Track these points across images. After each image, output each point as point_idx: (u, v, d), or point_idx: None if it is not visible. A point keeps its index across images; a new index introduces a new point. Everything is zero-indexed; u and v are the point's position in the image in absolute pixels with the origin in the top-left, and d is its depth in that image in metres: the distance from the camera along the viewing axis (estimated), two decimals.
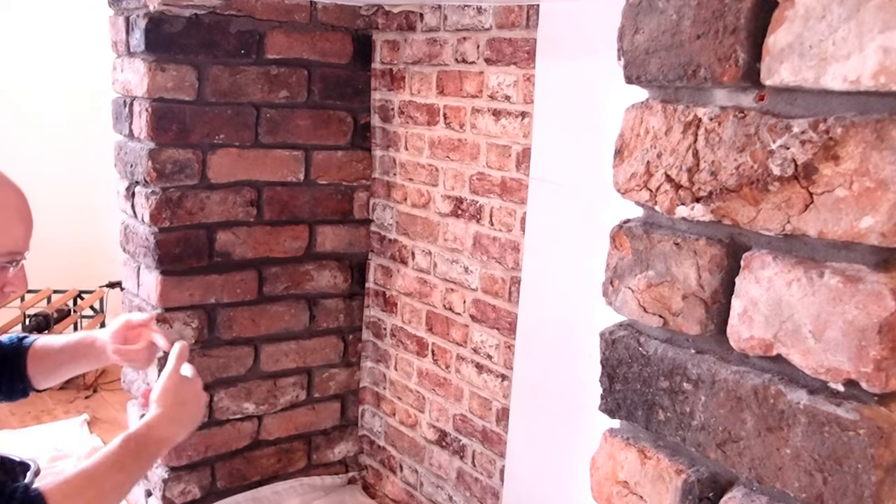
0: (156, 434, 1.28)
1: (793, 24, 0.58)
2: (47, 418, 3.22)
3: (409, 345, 2.37)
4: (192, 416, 1.34)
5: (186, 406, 1.33)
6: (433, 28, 2.14)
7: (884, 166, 0.54)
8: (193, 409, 1.34)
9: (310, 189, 2.33)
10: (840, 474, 0.57)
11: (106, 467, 1.21)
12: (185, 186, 2.11)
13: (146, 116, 2.05)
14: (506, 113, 1.95)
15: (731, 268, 0.65)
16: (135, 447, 1.25)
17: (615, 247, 0.75)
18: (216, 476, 2.34)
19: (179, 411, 1.31)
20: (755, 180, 0.61)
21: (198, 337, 2.20)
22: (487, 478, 2.13)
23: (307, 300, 2.39)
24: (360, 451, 2.63)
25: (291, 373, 2.41)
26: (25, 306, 3.52)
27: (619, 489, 0.75)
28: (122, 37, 2.12)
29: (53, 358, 1.45)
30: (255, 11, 2.13)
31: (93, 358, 1.47)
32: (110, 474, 1.20)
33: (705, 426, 0.67)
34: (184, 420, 1.33)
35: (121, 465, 1.22)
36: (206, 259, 2.18)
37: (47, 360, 1.44)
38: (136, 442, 1.25)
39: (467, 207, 2.09)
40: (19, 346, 1.43)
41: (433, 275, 2.24)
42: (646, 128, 0.70)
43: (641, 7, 0.69)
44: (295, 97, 2.24)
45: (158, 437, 1.28)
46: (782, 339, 0.61)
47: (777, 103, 0.61)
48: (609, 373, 0.76)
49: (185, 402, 1.33)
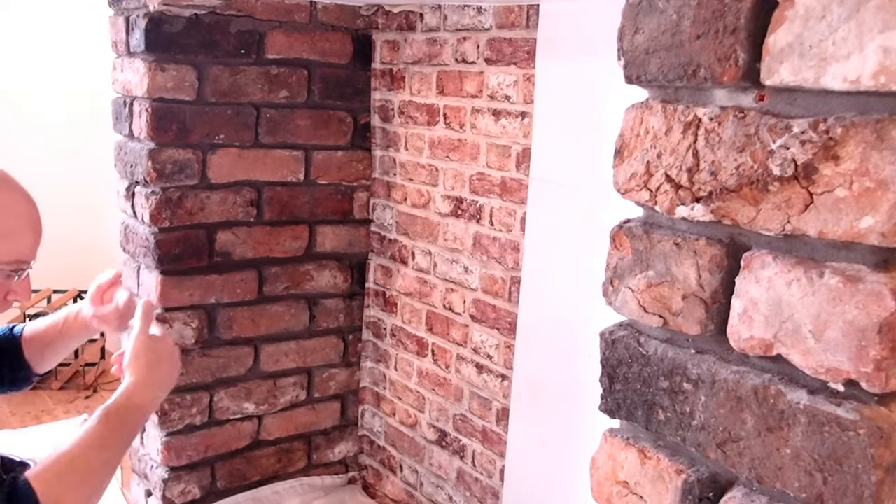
0: (135, 402, 1.23)
1: (793, 24, 0.58)
2: (47, 418, 3.22)
3: (409, 345, 2.37)
4: (168, 376, 1.29)
5: (161, 366, 1.27)
6: (433, 28, 2.14)
7: (884, 166, 0.54)
8: (168, 368, 1.29)
9: (310, 189, 2.33)
10: (840, 474, 0.57)
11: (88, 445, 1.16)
12: (185, 186, 2.11)
13: (146, 116, 2.05)
14: (506, 113, 1.95)
15: (731, 268, 0.65)
16: (115, 419, 1.19)
17: (615, 247, 0.75)
18: (216, 476, 2.34)
19: (154, 374, 1.26)
20: (755, 180, 0.61)
21: (198, 337, 2.20)
22: (487, 478, 2.13)
23: (307, 300, 2.39)
24: (360, 451, 2.63)
25: (291, 373, 2.41)
26: (25, 306, 3.53)
27: (619, 489, 0.75)
28: (122, 37, 2.12)
29: (42, 339, 1.44)
30: (255, 11, 2.13)
31: (79, 329, 1.45)
32: (95, 452, 1.16)
33: (705, 426, 0.67)
34: (160, 382, 1.27)
35: (104, 441, 1.17)
36: (206, 259, 2.18)
37: (38, 343, 1.43)
38: (116, 414, 1.20)
39: (467, 207, 2.09)
40: (12, 335, 1.42)
41: (433, 275, 2.24)
42: (646, 128, 0.70)
43: (641, 7, 0.69)
44: (295, 97, 2.24)
45: (138, 404, 1.23)
46: (782, 339, 0.61)
47: (777, 103, 0.61)
48: (609, 373, 0.76)
49: (159, 362, 1.27)
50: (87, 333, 1.49)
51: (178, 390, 2.21)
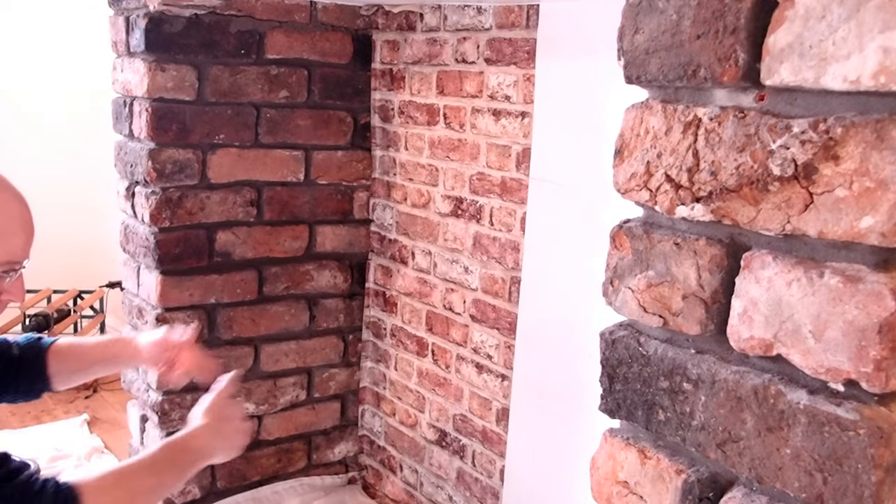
0: (195, 444, 1.28)
1: (793, 24, 0.58)
2: (47, 418, 3.22)
3: (409, 345, 2.37)
4: (231, 438, 1.35)
5: (229, 424, 1.34)
6: (433, 28, 2.14)
7: (884, 166, 0.54)
8: (233, 431, 1.35)
9: (310, 189, 2.33)
10: (840, 474, 0.57)
11: (141, 469, 1.21)
12: (185, 186, 2.11)
13: (146, 116, 2.05)
14: (506, 113, 1.95)
15: (731, 268, 0.65)
16: (172, 454, 1.25)
17: (615, 247, 0.75)
18: (216, 476, 2.34)
19: (222, 426, 1.32)
20: (755, 180, 0.61)
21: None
22: (487, 478, 2.13)
23: (307, 300, 2.39)
24: (360, 451, 2.63)
25: (291, 373, 2.41)
26: (25, 306, 3.52)
27: (619, 489, 0.75)
28: (122, 37, 2.12)
29: (84, 356, 1.45)
30: (255, 11, 2.13)
31: (126, 358, 1.49)
32: (144, 476, 1.20)
33: (705, 426, 0.67)
34: (224, 438, 1.33)
35: (156, 469, 1.22)
36: (206, 259, 2.18)
37: (75, 359, 1.44)
38: (174, 449, 1.26)
39: (467, 207, 2.09)
40: (38, 346, 1.42)
41: (433, 275, 2.24)
42: (646, 128, 0.70)
43: (641, 7, 0.69)
44: (295, 97, 2.24)
45: (197, 447, 1.28)
46: (782, 339, 0.61)
47: (777, 103, 0.61)
48: (609, 373, 0.76)
49: (229, 421, 1.34)
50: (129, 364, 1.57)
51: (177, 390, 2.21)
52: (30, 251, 1.19)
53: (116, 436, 3.03)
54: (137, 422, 2.35)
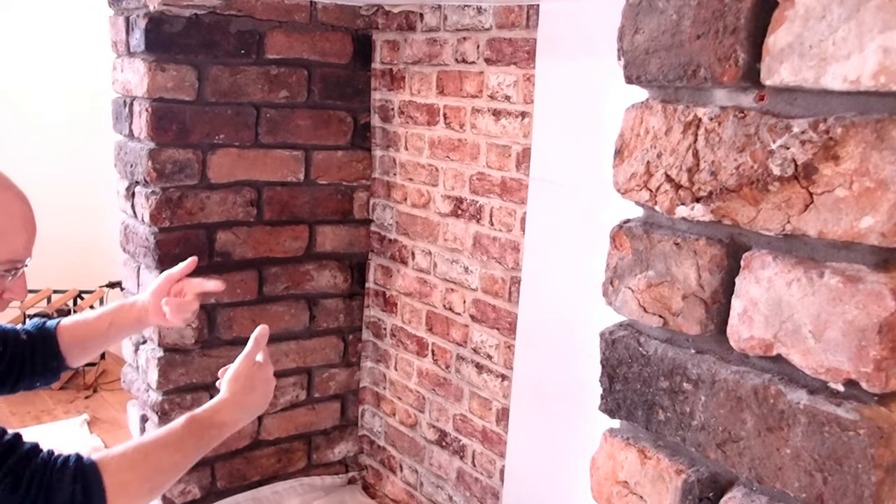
0: (219, 418, 1.27)
1: (793, 24, 0.58)
2: (47, 418, 3.22)
3: (409, 345, 2.37)
4: (259, 403, 1.34)
5: (255, 392, 1.32)
6: (433, 28, 2.14)
7: (884, 166, 0.54)
8: (261, 396, 1.34)
9: (310, 189, 2.33)
10: (840, 474, 0.57)
11: (164, 444, 1.20)
12: (185, 186, 2.11)
13: (146, 116, 2.05)
14: (506, 113, 1.95)
15: (731, 268, 0.65)
16: (196, 428, 1.24)
17: (615, 247, 0.75)
18: (216, 476, 2.34)
19: (247, 398, 1.31)
20: (755, 180, 0.61)
21: (198, 337, 2.20)
22: (487, 478, 2.13)
23: (307, 300, 2.39)
24: (360, 451, 2.63)
25: (291, 373, 2.41)
26: (25, 306, 3.53)
27: (619, 489, 0.75)
28: (122, 37, 2.12)
29: (89, 330, 1.45)
30: (255, 11, 2.13)
31: (133, 322, 1.47)
32: (168, 452, 1.19)
33: (705, 426, 0.67)
34: (250, 406, 1.32)
35: (180, 445, 1.21)
36: (206, 259, 2.18)
37: (81, 333, 1.44)
38: (199, 423, 1.24)
39: (467, 207, 2.09)
40: (45, 327, 1.43)
41: (433, 275, 2.24)
42: (646, 128, 0.70)
43: (641, 7, 0.69)
44: (295, 97, 2.24)
45: (221, 421, 1.27)
46: (782, 339, 0.61)
47: (777, 103, 0.61)
48: (609, 373, 0.76)
49: (254, 388, 1.32)
50: (139, 327, 1.53)
51: (178, 390, 2.21)
52: (32, 250, 1.19)
53: (116, 436, 3.03)
54: (137, 422, 2.34)
